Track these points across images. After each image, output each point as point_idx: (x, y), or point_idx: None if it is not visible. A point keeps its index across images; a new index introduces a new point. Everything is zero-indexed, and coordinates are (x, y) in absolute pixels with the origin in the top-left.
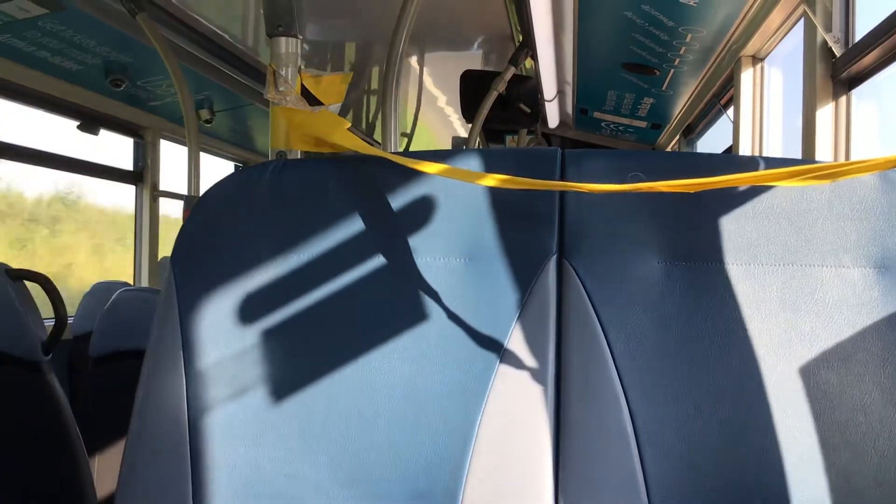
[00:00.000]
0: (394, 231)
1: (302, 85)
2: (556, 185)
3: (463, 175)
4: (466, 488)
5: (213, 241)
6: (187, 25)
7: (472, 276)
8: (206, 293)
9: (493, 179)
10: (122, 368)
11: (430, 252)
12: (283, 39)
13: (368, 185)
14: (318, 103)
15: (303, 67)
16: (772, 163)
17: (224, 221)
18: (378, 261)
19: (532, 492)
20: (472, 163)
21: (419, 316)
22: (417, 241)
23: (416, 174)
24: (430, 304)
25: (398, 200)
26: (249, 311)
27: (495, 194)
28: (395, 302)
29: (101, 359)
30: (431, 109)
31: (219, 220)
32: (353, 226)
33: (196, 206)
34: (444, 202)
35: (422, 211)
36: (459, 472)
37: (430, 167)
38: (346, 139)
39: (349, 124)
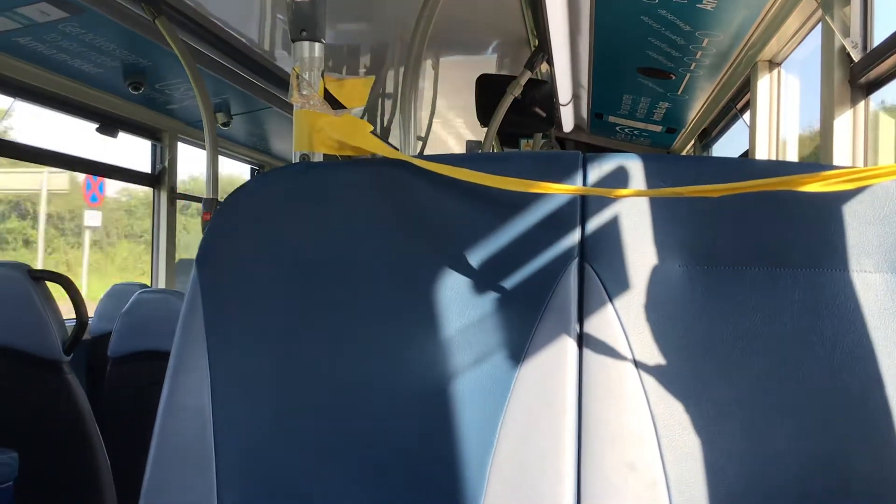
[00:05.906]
0: (415, 234)
1: (324, 88)
2: (579, 189)
3: (486, 179)
4: (488, 491)
5: (238, 243)
6: (206, 29)
7: (493, 280)
8: (230, 295)
9: (514, 184)
10: (141, 369)
11: (451, 255)
12: (306, 44)
13: (390, 189)
14: (341, 107)
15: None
16: (792, 168)
17: (248, 224)
18: (400, 264)
19: (554, 494)
20: (493, 166)
21: (441, 319)
22: (438, 244)
23: (436, 177)
24: (451, 307)
25: (419, 204)
26: (274, 313)
27: (516, 198)
28: (417, 304)
29: (119, 359)
30: (447, 113)
31: (243, 223)
32: (375, 228)
33: (220, 208)
34: (465, 206)
35: (442, 214)
36: (481, 474)
37: (452, 171)
38: (368, 142)
39: (371, 127)
